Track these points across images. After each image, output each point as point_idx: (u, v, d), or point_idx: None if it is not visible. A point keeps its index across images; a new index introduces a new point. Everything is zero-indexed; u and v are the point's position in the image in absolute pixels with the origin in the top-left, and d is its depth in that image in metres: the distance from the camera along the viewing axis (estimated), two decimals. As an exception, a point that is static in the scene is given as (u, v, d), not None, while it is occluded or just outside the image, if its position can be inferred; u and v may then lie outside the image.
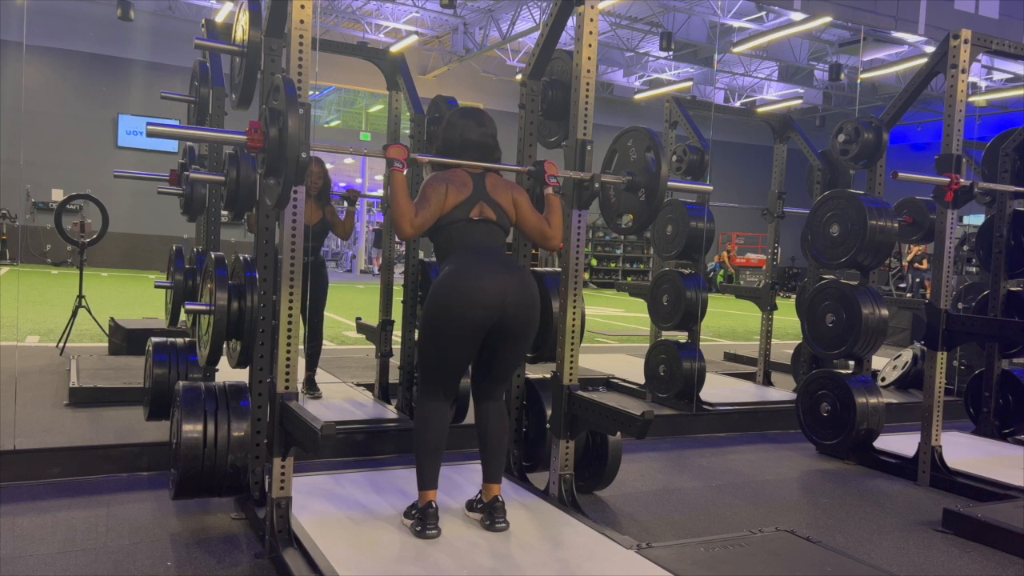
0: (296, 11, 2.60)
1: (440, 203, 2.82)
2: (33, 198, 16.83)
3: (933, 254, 4.23)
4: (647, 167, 3.14)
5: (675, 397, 5.41)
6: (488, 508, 2.88)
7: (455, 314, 2.71)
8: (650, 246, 6.23)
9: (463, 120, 2.99)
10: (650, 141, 3.17)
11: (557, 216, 3.00)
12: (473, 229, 2.86)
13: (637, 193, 3.18)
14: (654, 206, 3.13)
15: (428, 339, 2.81)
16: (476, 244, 2.84)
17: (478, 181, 2.92)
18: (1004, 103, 20.30)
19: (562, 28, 3.43)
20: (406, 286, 4.54)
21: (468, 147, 2.94)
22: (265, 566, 2.66)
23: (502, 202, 2.92)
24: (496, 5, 18.02)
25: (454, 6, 15.71)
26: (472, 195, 2.87)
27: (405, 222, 2.75)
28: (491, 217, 2.88)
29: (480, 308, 2.70)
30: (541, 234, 2.99)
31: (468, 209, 2.85)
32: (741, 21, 17.63)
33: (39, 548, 2.73)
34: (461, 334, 2.74)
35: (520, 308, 2.77)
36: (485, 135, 2.98)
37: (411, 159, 2.83)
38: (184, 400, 2.92)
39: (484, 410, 2.96)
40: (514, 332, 2.80)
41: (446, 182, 2.86)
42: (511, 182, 3.05)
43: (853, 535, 3.34)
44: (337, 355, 7.10)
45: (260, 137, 2.53)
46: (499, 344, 2.82)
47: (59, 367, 5.80)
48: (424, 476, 2.83)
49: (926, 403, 4.16)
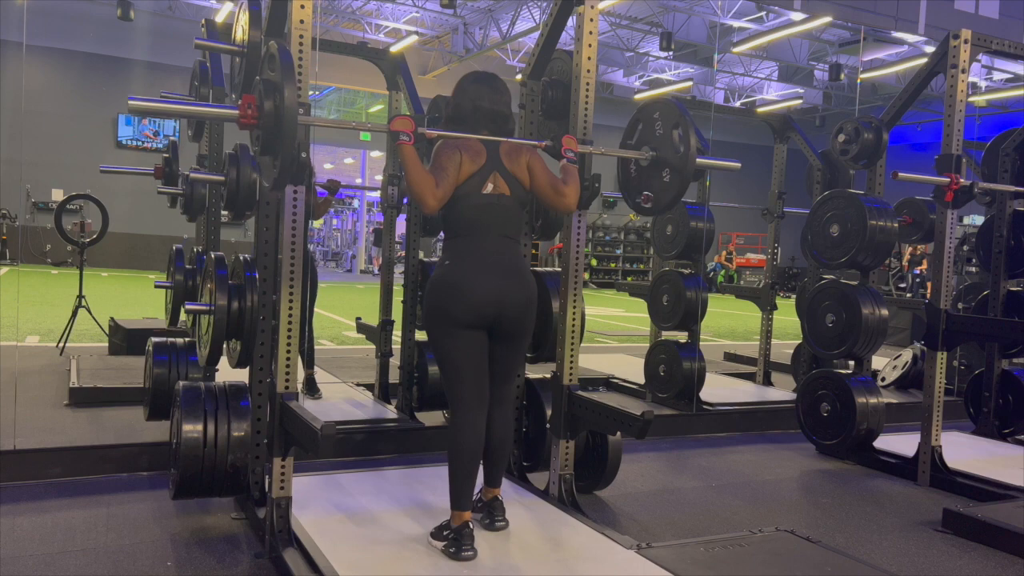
0: (296, 11, 2.60)
1: (456, 171, 2.65)
2: (33, 198, 16.82)
3: (933, 254, 4.23)
4: (673, 145, 2.94)
5: (675, 397, 5.41)
6: (488, 507, 2.86)
7: (452, 314, 2.65)
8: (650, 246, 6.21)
9: (476, 86, 2.81)
10: (679, 117, 2.96)
11: (573, 177, 2.80)
12: (483, 212, 2.70)
13: (661, 172, 3.01)
14: (678, 189, 2.93)
15: (436, 344, 2.74)
16: (481, 234, 2.70)
17: (492, 149, 2.74)
18: (1004, 103, 20.29)
19: (562, 28, 3.43)
20: (406, 286, 4.54)
21: (481, 115, 2.76)
22: (265, 566, 2.66)
23: (516, 171, 2.75)
24: (496, 5, 18.01)
25: (454, 6, 15.70)
26: (486, 164, 2.70)
27: (428, 194, 2.55)
28: (505, 191, 2.72)
29: (475, 308, 2.64)
30: (555, 191, 2.77)
31: (482, 181, 2.69)
32: (741, 21, 17.62)
33: (39, 548, 2.73)
34: (464, 335, 2.67)
35: (517, 308, 2.70)
36: (499, 103, 2.80)
37: (419, 132, 2.63)
38: (184, 400, 2.92)
39: (490, 415, 2.85)
40: (511, 331, 2.73)
41: (459, 149, 2.68)
42: (525, 145, 2.85)
43: (853, 535, 3.34)
44: (337, 355, 7.10)
45: (254, 113, 2.37)
46: (497, 344, 2.76)
47: (59, 367, 5.80)
48: (459, 495, 2.68)
49: (926, 403, 4.16)
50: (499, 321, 2.69)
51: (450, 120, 2.82)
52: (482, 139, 2.73)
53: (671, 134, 2.96)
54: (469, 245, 2.70)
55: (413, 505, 3.08)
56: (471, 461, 2.69)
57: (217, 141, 4.50)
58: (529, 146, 2.84)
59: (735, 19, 17.53)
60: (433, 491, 3.22)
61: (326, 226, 27.48)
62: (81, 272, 6.50)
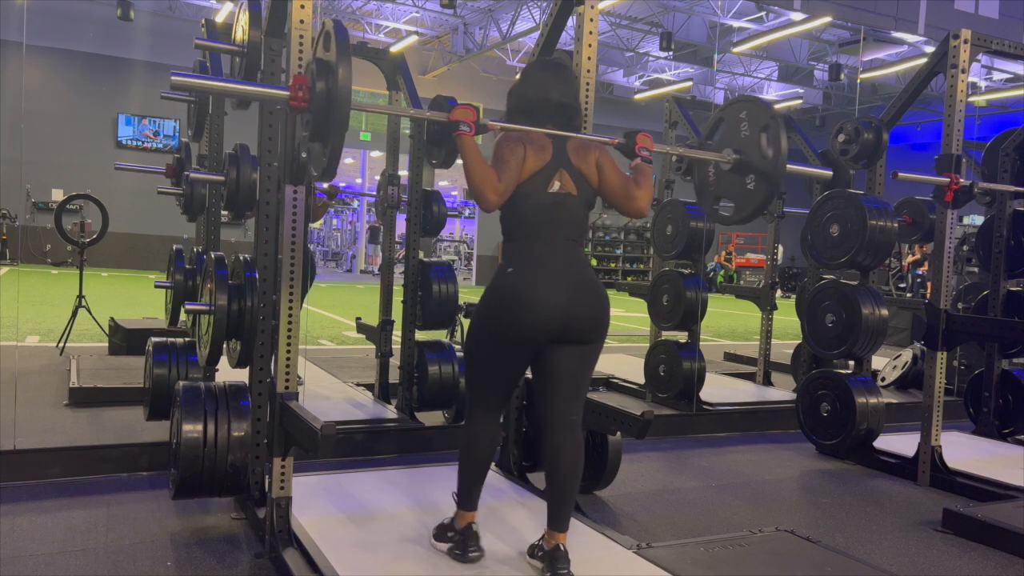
0: (296, 11, 2.59)
1: (519, 166, 2.43)
2: (33, 198, 16.83)
3: (933, 254, 4.23)
4: (761, 149, 2.71)
5: (675, 397, 5.41)
6: (550, 556, 2.47)
7: (508, 326, 2.41)
8: (650, 246, 6.22)
9: (543, 75, 2.59)
10: (769, 119, 2.72)
11: (646, 178, 2.57)
12: (549, 213, 2.46)
13: (745, 178, 2.77)
14: (764, 197, 2.70)
15: (477, 347, 2.54)
16: (545, 238, 2.46)
17: (559, 144, 2.51)
18: (1004, 103, 20.29)
19: (562, 28, 3.43)
20: (406, 286, 4.54)
21: (548, 108, 2.53)
22: (265, 566, 2.66)
23: (584, 169, 2.52)
24: (496, 5, 18.02)
25: (454, 6, 15.71)
26: (552, 161, 2.48)
27: (488, 189, 2.35)
28: (572, 191, 2.49)
29: (537, 323, 2.39)
30: (626, 194, 2.52)
31: (547, 179, 2.47)
32: (741, 21, 17.63)
33: (39, 548, 2.73)
34: (515, 347, 2.45)
35: (586, 322, 2.44)
36: (568, 94, 2.58)
37: (480, 123, 2.43)
38: (184, 400, 2.92)
39: (555, 439, 2.49)
40: (579, 341, 2.46)
41: (523, 142, 2.46)
42: (593, 140, 2.61)
43: (853, 535, 3.34)
44: (337, 355, 7.10)
45: (305, 95, 2.24)
46: (562, 355, 2.46)
47: (59, 367, 5.80)
48: (467, 495, 2.58)
49: (926, 403, 4.16)
50: (565, 332, 2.43)
51: (515, 111, 2.59)
52: (549, 133, 2.51)
53: (759, 137, 2.73)
54: (532, 250, 2.46)
55: (413, 505, 3.08)
56: (483, 464, 2.59)
57: (217, 141, 4.50)
58: (599, 143, 2.62)
59: (735, 19, 17.54)
60: (433, 491, 3.22)
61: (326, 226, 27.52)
62: (81, 272, 6.50)
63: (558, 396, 2.49)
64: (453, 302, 4.48)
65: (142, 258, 17.19)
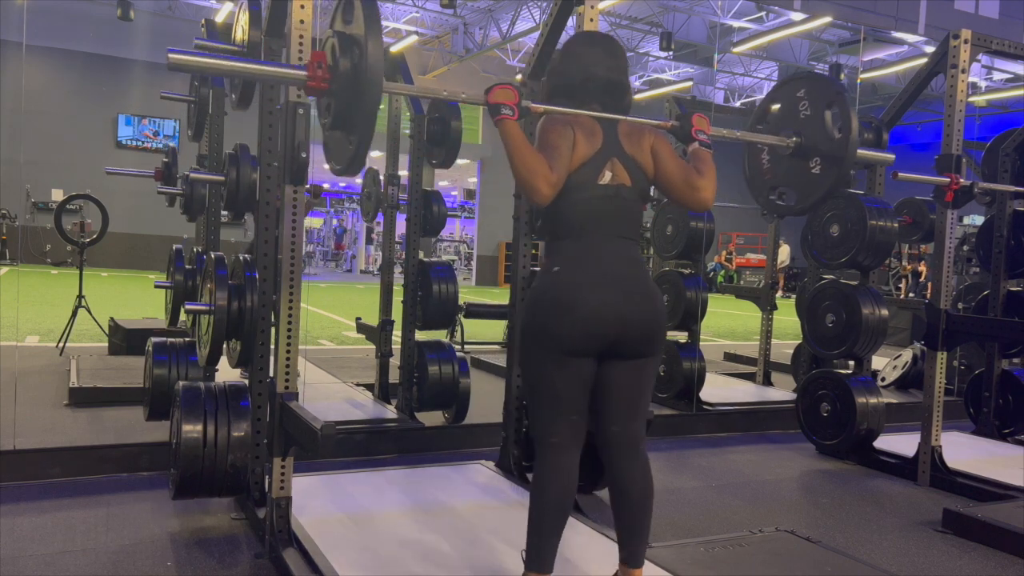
0: (296, 11, 2.59)
1: (570, 152, 2.12)
2: (33, 198, 16.81)
3: (933, 254, 4.23)
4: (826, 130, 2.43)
5: (675, 397, 5.41)
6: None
7: (563, 330, 2.11)
8: (650, 246, 6.22)
9: (588, 49, 2.28)
10: (835, 95, 2.46)
11: (708, 165, 2.24)
12: (599, 207, 2.17)
13: (808, 162, 2.50)
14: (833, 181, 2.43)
15: (533, 368, 2.21)
16: (596, 236, 2.18)
17: (609, 129, 2.21)
18: (1004, 103, 20.28)
19: (562, 28, 3.43)
20: (406, 286, 4.54)
21: (594, 86, 2.24)
22: (265, 566, 2.66)
23: (639, 157, 2.22)
24: (496, 5, 18.01)
25: (454, 6, 15.70)
26: (603, 148, 2.18)
27: (540, 181, 2.04)
28: (625, 182, 2.20)
29: (590, 330, 2.11)
30: (688, 184, 2.21)
31: (597, 169, 2.17)
32: (741, 21, 17.63)
33: (39, 548, 2.73)
34: (573, 356, 2.14)
35: (642, 328, 2.16)
36: (615, 69, 2.27)
37: (523, 106, 2.15)
38: (184, 400, 2.92)
39: (619, 465, 2.23)
40: (636, 353, 2.18)
41: (571, 125, 2.16)
42: (648, 125, 2.32)
43: (853, 535, 3.34)
44: (337, 355, 7.10)
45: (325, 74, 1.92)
46: (617, 369, 2.19)
47: (59, 367, 5.80)
48: (540, 552, 2.16)
49: (926, 403, 4.16)
50: (619, 343, 2.16)
51: (554, 90, 2.30)
52: (597, 116, 2.20)
53: (822, 116, 2.47)
54: (582, 249, 2.17)
55: (413, 505, 3.08)
56: (561, 512, 2.18)
57: (217, 141, 4.50)
58: (652, 126, 2.32)
59: (735, 19, 17.53)
60: (433, 491, 3.22)
61: (326, 226, 27.49)
62: (81, 272, 6.50)
63: (618, 417, 2.22)
64: (453, 302, 4.48)
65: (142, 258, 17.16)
